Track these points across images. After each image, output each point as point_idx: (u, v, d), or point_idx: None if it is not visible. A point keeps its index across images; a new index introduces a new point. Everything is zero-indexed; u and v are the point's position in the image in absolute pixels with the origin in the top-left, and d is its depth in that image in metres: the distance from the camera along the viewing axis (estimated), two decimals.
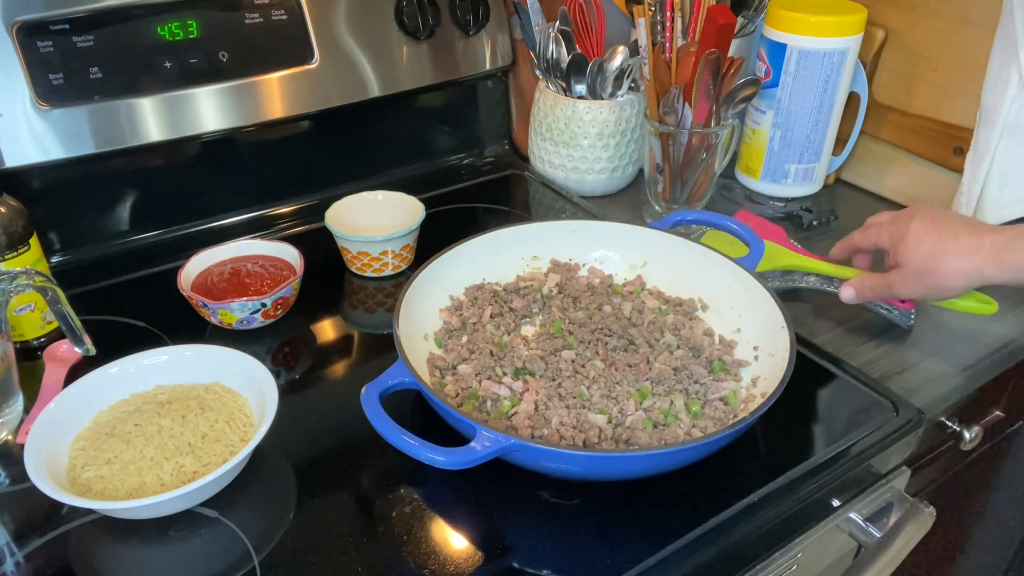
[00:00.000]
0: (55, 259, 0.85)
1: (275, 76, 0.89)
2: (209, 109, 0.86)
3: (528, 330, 0.73)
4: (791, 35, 0.88)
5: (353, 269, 0.84)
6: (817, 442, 0.64)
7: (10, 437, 0.63)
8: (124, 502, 0.53)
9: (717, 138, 0.87)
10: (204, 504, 0.57)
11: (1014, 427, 0.94)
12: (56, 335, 0.74)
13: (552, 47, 0.94)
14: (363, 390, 0.56)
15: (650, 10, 0.87)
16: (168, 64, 0.83)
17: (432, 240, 0.84)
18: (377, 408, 0.55)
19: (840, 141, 0.97)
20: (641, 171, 1.01)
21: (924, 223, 0.68)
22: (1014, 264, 0.63)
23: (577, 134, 0.96)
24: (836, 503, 0.63)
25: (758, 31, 0.96)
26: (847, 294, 0.75)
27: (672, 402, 0.63)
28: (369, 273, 0.84)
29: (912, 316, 0.77)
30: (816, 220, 0.94)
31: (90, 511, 0.56)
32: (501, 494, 0.59)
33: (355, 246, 0.82)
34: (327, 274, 0.83)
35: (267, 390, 0.60)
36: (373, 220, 0.86)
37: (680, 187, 0.91)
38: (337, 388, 0.71)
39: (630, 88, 0.96)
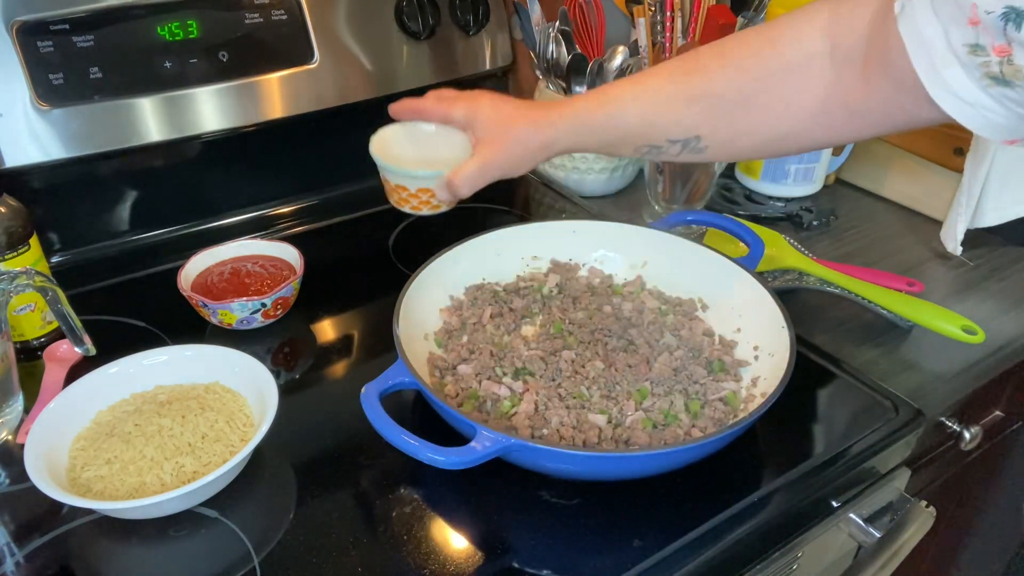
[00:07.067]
0: (55, 259, 0.85)
1: (275, 76, 0.89)
2: (209, 109, 0.86)
3: (528, 330, 0.73)
4: None
5: (406, 208, 0.72)
6: (817, 442, 0.64)
7: (10, 437, 0.63)
8: (124, 502, 0.53)
9: None
10: (204, 504, 0.57)
11: (1014, 427, 0.94)
12: (56, 335, 0.74)
13: (552, 47, 0.94)
14: (363, 390, 0.56)
15: (650, 10, 0.87)
16: (168, 64, 0.83)
17: (433, 240, 0.84)
18: (377, 408, 0.55)
19: None
20: (641, 171, 1.01)
21: (495, 100, 0.68)
22: (572, 130, 0.65)
23: None
24: (836, 503, 0.63)
25: None
26: (444, 194, 0.69)
27: (672, 402, 0.63)
28: (426, 212, 0.71)
29: None
30: (816, 220, 0.94)
31: (90, 511, 0.56)
32: (501, 494, 0.59)
33: (415, 183, 0.70)
34: (327, 274, 0.83)
35: (267, 390, 0.60)
36: (419, 152, 0.73)
37: (680, 187, 0.91)
38: (337, 388, 0.71)
39: None
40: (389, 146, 0.73)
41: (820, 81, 0.57)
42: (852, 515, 0.65)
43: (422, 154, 0.73)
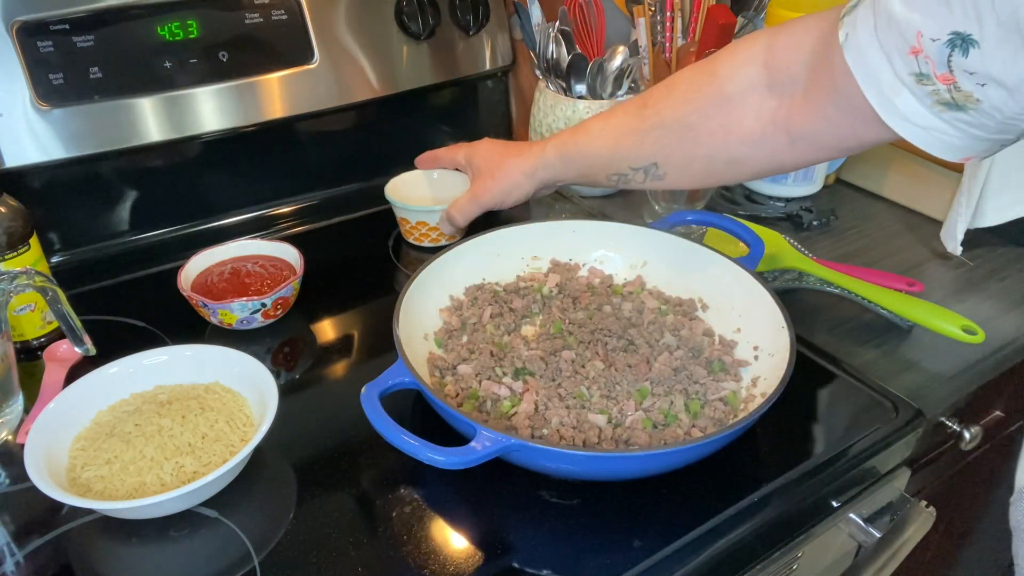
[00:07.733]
0: (55, 259, 0.85)
1: (275, 76, 0.89)
2: (209, 109, 0.86)
3: (528, 330, 0.73)
4: None
5: (411, 240, 0.89)
6: (817, 442, 0.64)
7: (10, 437, 0.63)
8: (124, 502, 0.53)
9: None
10: (204, 504, 0.57)
11: (1014, 427, 0.94)
12: (56, 335, 0.74)
13: (552, 47, 0.94)
14: (363, 390, 0.56)
15: (650, 10, 0.87)
16: (168, 64, 0.83)
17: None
18: (377, 408, 0.55)
19: None
20: None
21: (492, 141, 0.82)
22: (553, 162, 0.74)
23: None
24: (836, 503, 0.63)
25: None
26: (446, 227, 0.84)
27: (672, 402, 0.63)
28: (427, 243, 0.88)
29: None
30: (816, 220, 0.94)
31: (90, 511, 0.57)
32: (501, 494, 0.59)
33: (414, 216, 0.86)
34: (327, 274, 0.83)
35: (267, 390, 0.60)
36: (430, 194, 0.91)
37: None
38: (337, 388, 0.71)
39: (630, 88, 0.96)
40: (404, 189, 0.89)
41: (758, 109, 0.59)
42: (852, 515, 0.65)
43: (432, 195, 0.90)
